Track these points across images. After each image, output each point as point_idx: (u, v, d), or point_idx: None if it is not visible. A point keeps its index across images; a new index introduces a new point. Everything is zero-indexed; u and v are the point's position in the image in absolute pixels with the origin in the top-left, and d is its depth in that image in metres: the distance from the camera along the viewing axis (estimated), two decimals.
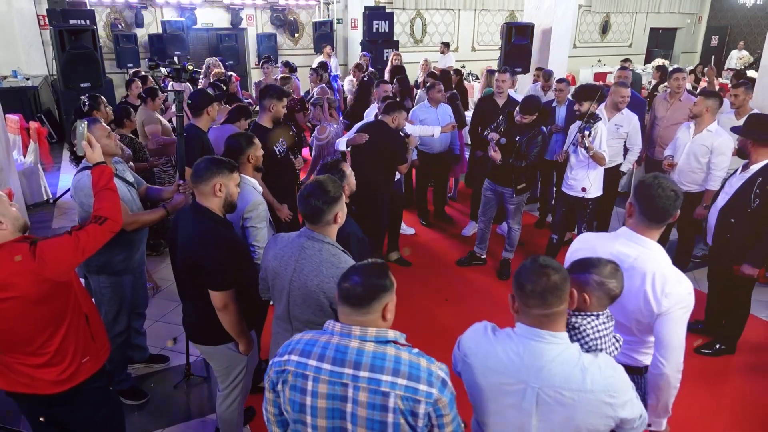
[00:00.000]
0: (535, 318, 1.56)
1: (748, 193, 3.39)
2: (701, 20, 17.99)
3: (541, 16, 7.51)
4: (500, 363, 1.60)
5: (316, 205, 2.14)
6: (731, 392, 3.54)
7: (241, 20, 11.81)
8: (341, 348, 1.56)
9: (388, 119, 4.35)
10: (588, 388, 1.52)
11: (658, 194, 1.98)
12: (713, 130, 4.16)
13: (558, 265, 1.58)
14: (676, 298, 1.95)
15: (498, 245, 5.23)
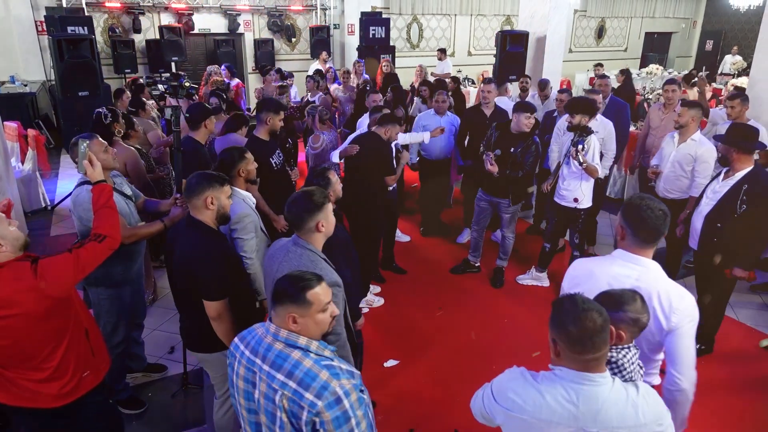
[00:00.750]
0: (583, 363, 1.55)
1: (735, 200, 3.49)
2: (696, 25, 18.13)
3: (535, 25, 7.59)
4: (554, 414, 1.55)
5: (297, 212, 2.27)
6: (710, 392, 3.61)
7: (239, 26, 11.87)
8: (259, 340, 1.75)
9: (381, 131, 4.37)
10: (642, 421, 1.55)
11: (648, 215, 2.02)
12: (697, 139, 4.27)
13: (598, 306, 1.57)
14: (683, 312, 2.00)
15: (492, 252, 5.30)
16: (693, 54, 18.17)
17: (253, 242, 3.03)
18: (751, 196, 3.44)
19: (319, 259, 2.29)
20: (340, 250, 2.86)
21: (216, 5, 11.57)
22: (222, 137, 4.31)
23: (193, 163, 3.64)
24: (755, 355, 4.08)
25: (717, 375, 3.81)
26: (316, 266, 2.24)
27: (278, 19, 12.23)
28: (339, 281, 2.33)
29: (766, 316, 4.57)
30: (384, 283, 5.01)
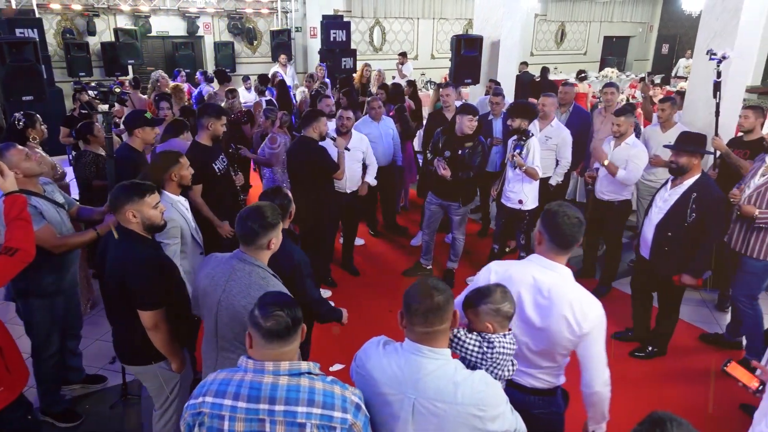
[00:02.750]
0: (418, 335, 1.68)
1: (684, 208, 3.55)
2: (652, 29, 18.66)
3: (489, 29, 7.70)
4: (384, 374, 1.71)
5: (252, 227, 2.21)
6: (663, 393, 3.72)
7: (198, 28, 11.73)
8: (255, 385, 1.61)
9: (309, 132, 4.28)
10: (459, 401, 1.63)
11: (564, 222, 2.07)
12: (631, 143, 4.46)
13: (444, 287, 1.69)
14: (595, 320, 2.07)
15: (445, 255, 5.35)
16: (650, 57, 18.70)
17: (175, 248, 3.01)
18: (700, 204, 3.50)
19: (269, 276, 2.27)
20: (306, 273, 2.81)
21: (174, 8, 11.40)
22: (164, 143, 4.24)
23: (126, 170, 3.58)
24: (692, 348, 4.22)
25: (656, 368, 3.96)
26: (267, 283, 2.21)
27: (239, 22, 12.13)
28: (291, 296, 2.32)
29: (704, 311, 4.73)
30: (336, 287, 5.01)
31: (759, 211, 3.56)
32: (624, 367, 3.94)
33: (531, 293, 2.12)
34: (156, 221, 2.55)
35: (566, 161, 5.08)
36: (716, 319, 4.60)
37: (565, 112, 5.51)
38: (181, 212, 3.05)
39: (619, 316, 4.44)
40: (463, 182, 4.59)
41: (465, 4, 14.82)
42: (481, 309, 1.92)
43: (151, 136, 3.99)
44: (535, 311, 2.11)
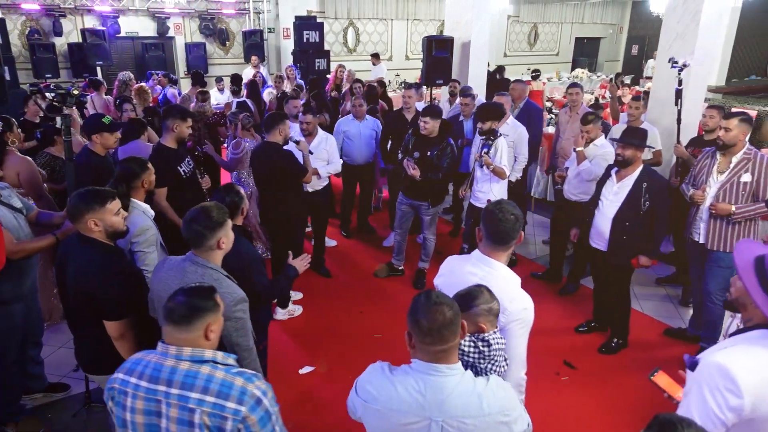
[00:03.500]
0: (432, 354, 1.61)
1: (638, 198, 3.74)
2: (622, 30, 19.03)
3: (460, 30, 7.75)
4: (403, 403, 1.61)
5: (198, 230, 2.20)
6: (630, 387, 3.78)
7: (168, 29, 11.57)
8: (157, 366, 1.67)
9: (273, 137, 4.19)
10: (486, 412, 1.60)
11: (500, 219, 2.12)
12: (599, 144, 4.55)
13: (450, 301, 1.65)
14: (512, 314, 2.08)
15: (417, 255, 5.37)
16: (620, 58, 19.05)
17: (155, 255, 2.94)
18: (652, 191, 3.72)
19: (222, 277, 2.25)
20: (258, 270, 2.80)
21: (143, 8, 11.22)
22: (125, 146, 4.18)
23: (87, 174, 3.51)
24: (657, 343, 4.31)
25: (622, 361, 4.05)
26: (220, 284, 2.19)
27: (210, 23, 12.00)
28: (245, 297, 2.30)
29: (668, 306, 4.84)
30: (306, 290, 4.99)
31: (736, 206, 3.68)
32: (592, 363, 4.02)
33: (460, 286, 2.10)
34: (119, 227, 2.51)
35: (523, 157, 5.16)
36: (680, 314, 4.70)
37: (516, 108, 5.63)
38: (150, 219, 3.01)
39: (587, 312, 4.52)
40: (432, 183, 4.62)
41: (438, 6, 14.91)
42: (473, 311, 1.91)
43: (110, 141, 3.91)
44: None
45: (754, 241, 2.02)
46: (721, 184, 3.76)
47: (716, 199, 3.77)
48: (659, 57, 5.61)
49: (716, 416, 1.60)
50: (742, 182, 3.66)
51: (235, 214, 2.86)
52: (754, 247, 1.83)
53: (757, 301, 1.67)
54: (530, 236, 6.30)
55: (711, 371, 1.63)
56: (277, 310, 4.47)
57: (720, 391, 1.60)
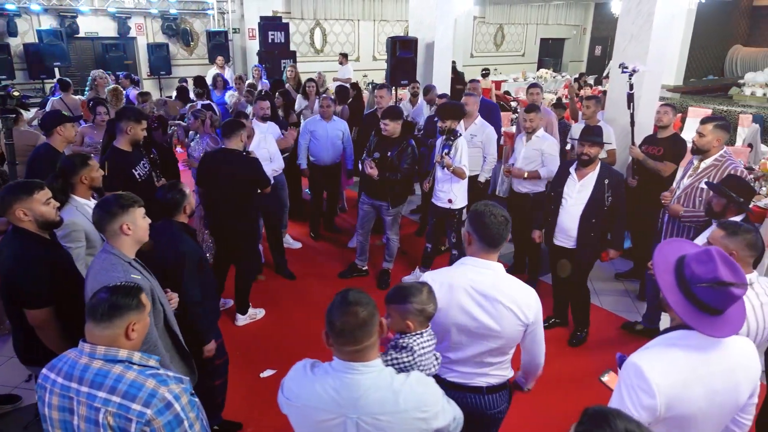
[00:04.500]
0: (347, 354, 1.63)
1: (602, 194, 3.84)
2: (586, 31, 19.42)
3: (424, 31, 7.80)
4: (321, 401, 1.63)
5: (100, 213, 2.27)
6: (588, 381, 3.86)
7: (129, 29, 11.34)
8: (72, 363, 1.69)
9: (234, 144, 4.07)
10: (402, 408, 1.61)
11: (491, 221, 2.10)
12: (540, 136, 4.74)
13: (366, 301, 1.64)
14: (535, 306, 2.15)
15: (382, 255, 5.37)
16: (584, 59, 19.44)
17: (79, 251, 2.93)
18: (613, 186, 3.85)
19: (121, 263, 2.25)
20: (191, 268, 2.81)
21: (103, 7, 10.96)
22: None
23: (45, 170, 3.43)
24: (615, 337, 4.41)
25: (581, 355, 4.15)
26: (113, 269, 2.20)
27: (173, 23, 11.79)
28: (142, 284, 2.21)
29: (626, 301, 4.96)
30: (267, 293, 4.95)
31: (684, 210, 3.76)
32: (553, 358, 4.07)
33: (472, 298, 2.12)
34: (50, 217, 2.51)
35: (492, 157, 5.22)
36: (637, 308, 4.82)
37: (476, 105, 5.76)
38: (87, 215, 2.94)
39: (548, 308, 4.59)
40: (393, 183, 4.63)
41: (405, 6, 14.96)
42: (405, 308, 1.91)
43: (72, 133, 3.92)
44: (484, 314, 2.12)
45: (683, 240, 2.06)
46: (684, 188, 3.83)
47: (677, 201, 3.86)
48: (615, 58, 5.74)
49: (631, 414, 1.60)
50: (700, 188, 3.68)
51: (177, 211, 2.88)
52: (684, 246, 1.84)
53: (669, 300, 1.69)
54: None
55: (629, 371, 1.67)
56: (238, 317, 4.41)
57: (635, 390, 1.63)
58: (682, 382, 1.63)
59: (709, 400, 1.67)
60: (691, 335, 1.67)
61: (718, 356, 1.68)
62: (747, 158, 6.70)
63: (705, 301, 1.63)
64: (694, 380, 1.64)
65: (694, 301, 1.65)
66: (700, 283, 1.63)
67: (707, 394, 1.66)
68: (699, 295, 1.64)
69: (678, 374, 1.64)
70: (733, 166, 3.62)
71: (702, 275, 1.63)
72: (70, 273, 2.57)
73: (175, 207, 2.88)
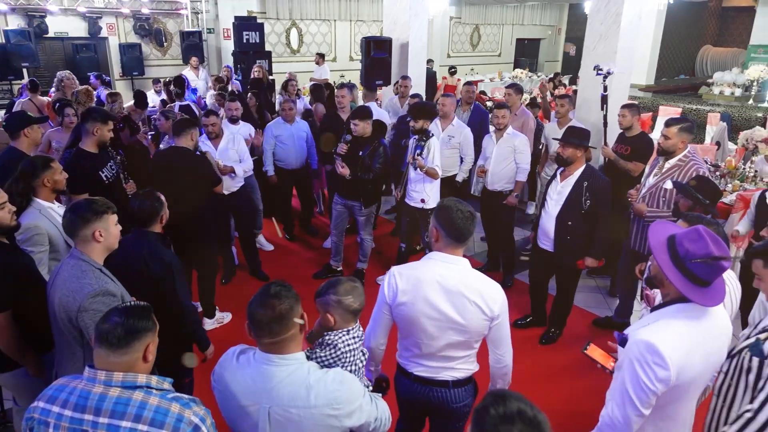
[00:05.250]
0: (265, 345, 1.68)
1: (579, 197, 3.80)
2: (560, 32, 19.66)
3: (398, 31, 7.81)
4: (240, 386, 1.70)
5: (72, 218, 2.21)
6: (561, 376, 3.91)
7: (101, 29, 11.13)
8: (84, 393, 1.56)
9: (183, 141, 4.01)
10: (312, 404, 1.65)
11: (457, 216, 2.12)
12: (511, 133, 4.79)
13: (286, 293, 1.67)
14: (501, 302, 2.18)
15: (357, 255, 5.37)
16: (559, 59, 19.68)
17: (41, 255, 2.85)
18: (593, 190, 3.77)
19: (92, 269, 2.21)
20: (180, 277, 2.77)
21: (72, 7, 10.75)
22: None
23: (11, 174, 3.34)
24: (587, 333, 4.48)
25: (555, 351, 4.21)
26: (84, 276, 2.16)
27: (145, 23, 11.62)
28: (108, 290, 2.23)
29: (597, 297, 5.04)
30: (236, 296, 4.91)
31: (648, 209, 3.82)
32: (528, 354, 4.13)
33: (440, 292, 2.15)
34: (4, 222, 2.45)
35: (470, 158, 5.25)
36: (608, 304, 4.90)
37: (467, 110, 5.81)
38: (51, 219, 2.89)
39: (522, 305, 4.64)
40: (365, 183, 4.63)
41: (381, 7, 14.95)
42: (325, 299, 1.96)
43: (39, 134, 3.82)
44: (450, 307, 2.15)
45: (669, 222, 2.13)
46: (648, 187, 3.90)
47: (642, 200, 3.92)
48: (585, 57, 5.83)
49: (648, 387, 1.78)
50: (664, 188, 3.76)
51: (153, 220, 2.81)
52: (670, 227, 1.98)
53: (669, 276, 1.82)
54: None
55: (640, 348, 1.79)
56: (205, 321, 4.36)
57: (649, 366, 1.76)
58: (687, 350, 1.79)
59: (705, 362, 1.85)
60: (687, 307, 1.84)
61: (708, 324, 1.86)
62: (714, 156, 6.85)
63: (699, 275, 1.79)
64: (694, 347, 1.81)
65: (689, 275, 1.80)
66: (695, 259, 1.78)
67: (704, 357, 1.84)
68: (694, 270, 1.79)
69: (683, 344, 1.79)
70: (696, 166, 3.69)
71: (696, 251, 1.78)
72: (31, 277, 2.51)
73: (151, 216, 2.80)
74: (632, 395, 1.80)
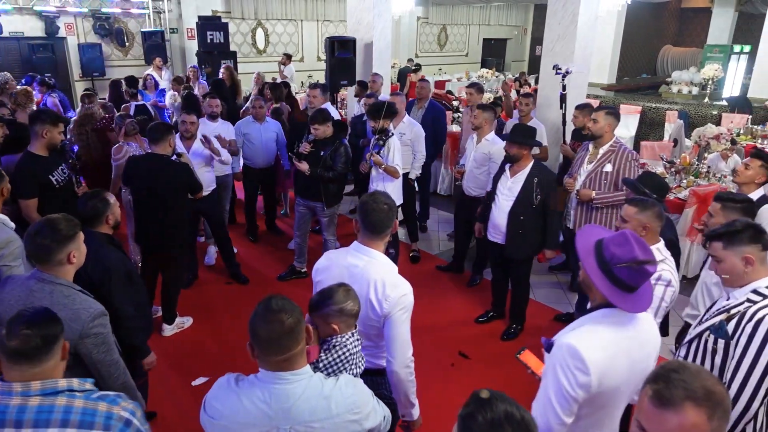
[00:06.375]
0: (275, 364, 1.58)
1: (530, 192, 3.93)
2: (526, 32, 19.95)
3: (362, 31, 7.80)
4: (249, 415, 1.58)
5: (44, 244, 2.07)
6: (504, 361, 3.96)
7: (58, 29, 10.83)
8: (2, 408, 1.50)
9: (162, 148, 3.94)
10: (334, 413, 1.60)
11: (373, 209, 2.21)
12: (490, 139, 4.74)
13: (291, 307, 1.59)
14: (394, 300, 2.16)
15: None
16: (526, 58, 19.97)
17: (21, 269, 2.75)
18: (543, 185, 3.92)
19: (75, 293, 2.14)
20: (121, 283, 2.71)
21: (28, 6, 10.43)
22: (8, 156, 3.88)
23: None
24: (547, 328, 4.54)
25: (516, 347, 4.18)
26: (73, 301, 2.09)
27: (105, 23, 11.35)
28: (104, 311, 2.19)
29: (558, 293, 5.12)
30: (203, 298, 4.85)
31: (595, 192, 3.96)
32: (488, 351, 4.18)
33: (342, 278, 2.18)
34: None
35: (421, 155, 5.29)
36: (569, 300, 4.99)
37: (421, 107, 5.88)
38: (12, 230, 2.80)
39: (488, 303, 4.68)
40: (326, 183, 4.61)
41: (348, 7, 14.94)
42: (325, 312, 1.92)
43: None
44: None
45: (598, 226, 2.19)
46: (587, 173, 4.05)
47: (583, 186, 4.05)
48: (544, 57, 5.93)
49: (568, 393, 1.72)
50: (604, 172, 3.95)
51: (98, 221, 2.76)
52: (597, 231, 1.97)
53: (594, 281, 1.80)
54: (434, 232, 6.46)
55: (563, 352, 1.75)
56: (164, 327, 4.28)
57: (571, 370, 1.72)
58: (610, 356, 1.74)
59: (630, 370, 1.79)
60: (613, 312, 1.80)
61: (635, 330, 1.82)
62: (670, 153, 7.05)
63: (624, 279, 1.76)
64: (619, 353, 1.77)
65: (614, 280, 1.77)
66: (620, 263, 1.75)
67: (629, 364, 1.79)
68: (619, 275, 1.76)
69: (606, 350, 1.75)
70: (628, 151, 3.97)
71: (621, 256, 1.75)
72: None
73: (95, 216, 2.76)
74: (554, 402, 1.75)
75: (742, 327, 2.02)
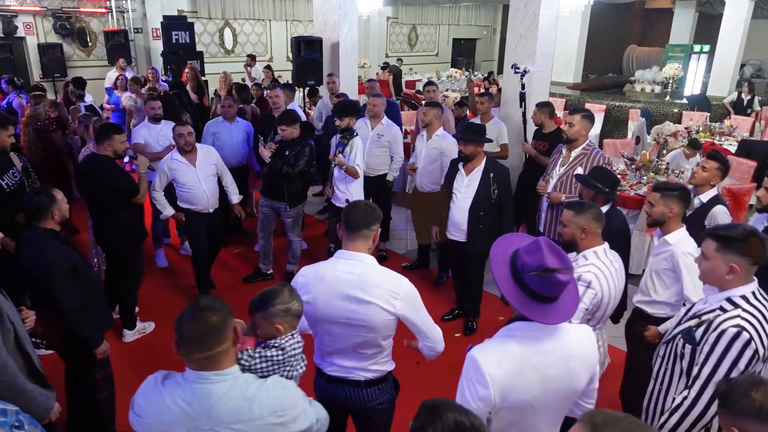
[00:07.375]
0: (197, 362, 1.57)
1: (488, 188, 4.00)
2: (496, 32, 20.15)
3: (328, 31, 7.78)
4: (171, 414, 1.57)
5: None
6: None
7: (17, 28, 10.53)
8: None
9: (103, 149, 3.85)
10: (256, 415, 1.59)
11: (353, 207, 2.21)
12: (440, 135, 4.83)
13: (218, 306, 1.60)
14: (405, 293, 2.17)
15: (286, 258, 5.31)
16: (496, 58, 20.15)
17: None
18: (498, 179, 4.01)
19: None
20: (62, 277, 2.70)
21: None
22: None
23: None
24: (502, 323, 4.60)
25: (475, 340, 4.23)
26: None
27: (66, 22, 11.08)
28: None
29: None
30: (164, 302, 4.77)
31: (565, 196, 3.97)
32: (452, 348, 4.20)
33: (341, 290, 2.14)
34: None
35: (399, 156, 5.30)
36: None
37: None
38: None
39: (453, 301, 4.72)
40: (289, 182, 4.58)
41: (314, 7, 14.87)
42: (270, 312, 1.89)
43: None
44: (351, 304, 2.14)
45: (518, 234, 2.19)
46: (559, 176, 4.06)
47: (554, 189, 4.08)
48: (507, 57, 6.00)
49: (470, 405, 1.66)
50: (576, 175, 3.87)
51: (44, 216, 2.77)
52: (516, 239, 1.89)
53: (503, 290, 1.73)
54: (402, 232, 6.48)
55: (468, 364, 1.73)
56: (125, 333, 4.19)
57: (472, 383, 1.68)
58: (516, 371, 1.67)
59: (544, 387, 1.71)
60: (528, 326, 1.72)
61: (552, 345, 1.73)
62: (632, 150, 7.20)
63: (534, 288, 1.67)
64: (528, 369, 1.69)
65: (526, 290, 1.69)
66: (529, 272, 1.66)
67: (541, 381, 1.70)
68: (529, 284, 1.67)
69: (511, 364, 1.68)
70: (600, 155, 3.95)
71: (530, 263, 1.67)
72: None
73: (40, 211, 2.77)
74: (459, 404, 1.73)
75: (707, 335, 2.03)
